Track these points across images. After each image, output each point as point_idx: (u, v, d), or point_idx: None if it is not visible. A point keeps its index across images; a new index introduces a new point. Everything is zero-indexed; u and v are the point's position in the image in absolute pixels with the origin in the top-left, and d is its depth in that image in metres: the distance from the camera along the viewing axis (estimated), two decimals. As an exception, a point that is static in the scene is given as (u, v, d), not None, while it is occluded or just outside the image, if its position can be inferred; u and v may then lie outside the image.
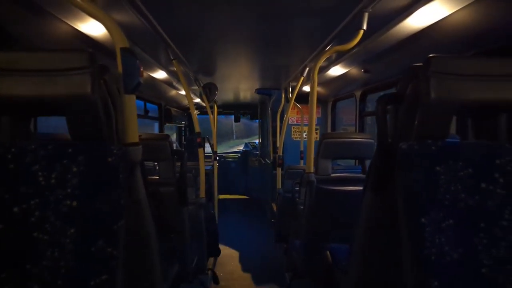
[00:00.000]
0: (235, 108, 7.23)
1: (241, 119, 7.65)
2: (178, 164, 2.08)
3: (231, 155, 7.90)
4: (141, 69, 0.96)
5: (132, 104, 0.96)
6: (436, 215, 0.80)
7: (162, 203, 1.86)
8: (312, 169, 1.90)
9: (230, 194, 7.26)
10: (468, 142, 0.87)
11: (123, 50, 0.92)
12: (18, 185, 0.78)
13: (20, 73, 0.82)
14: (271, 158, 5.32)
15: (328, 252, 1.59)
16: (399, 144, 0.88)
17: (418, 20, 1.54)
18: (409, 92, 0.96)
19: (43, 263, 0.76)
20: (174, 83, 3.52)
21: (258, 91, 4.91)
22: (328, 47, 2.20)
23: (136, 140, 0.96)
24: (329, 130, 4.41)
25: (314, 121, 1.96)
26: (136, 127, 0.97)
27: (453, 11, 1.39)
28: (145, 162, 1.20)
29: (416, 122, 0.90)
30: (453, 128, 1.68)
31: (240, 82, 4.44)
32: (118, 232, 0.79)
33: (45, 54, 0.84)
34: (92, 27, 1.66)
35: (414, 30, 1.64)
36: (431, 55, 0.89)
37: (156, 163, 2.67)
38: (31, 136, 0.97)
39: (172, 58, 2.35)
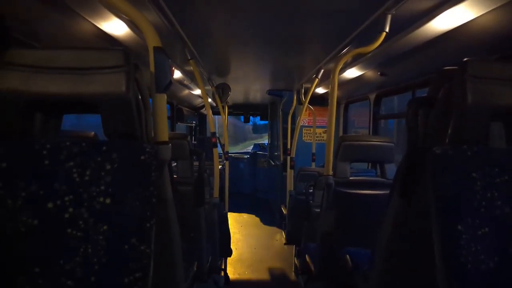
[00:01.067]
0: (245, 109, 7.23)
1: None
2: (195, 163, 2.08)
3: (240, 156, 7.91)
4: (172, 69, 0.96)
5: (162, 103, 0.96)
6: (472, 223, 0.79)
7: (180, 202, 1.86)
8: (331, 172, 1.89)
9: (239, 195, 7.25)
10: (504, 148, 0.86)
11: (156, 49, 0.92)
12: (52, 181, 0.78)
13: (55, 70, 0.82)
14: (281, 159, 5.30)
15: (348, 256, 1.58)
16: (432, 148, 0.87)
17: (442, 23, 1.52)
18: (441, 96, 0.94)
19: (76, 259, 0.77)
20: (187, 83, 3.53)
21: (270, 92, 4.91)
22: (346, 49, 2.19)
23: (166, 138, 0.96)
24: (341, 133, 4.39)
25: (333, 124, 1.95)
26: (166, 126, 0.97)
27: (479, 14, 1.37)
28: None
29: (450, 127, 0.88)
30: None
31: (252, 83, 4.44)
32: (150, 230, 0.79)
33: (80, 51, 0.84)
34: (114, 27, 1.67)
35: (438, 33, 1.62)
36: (466, 59, 0.87)
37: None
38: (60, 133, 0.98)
39: (189, 57, 2.35)
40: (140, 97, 0.90)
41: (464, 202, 0.81)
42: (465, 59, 0.87)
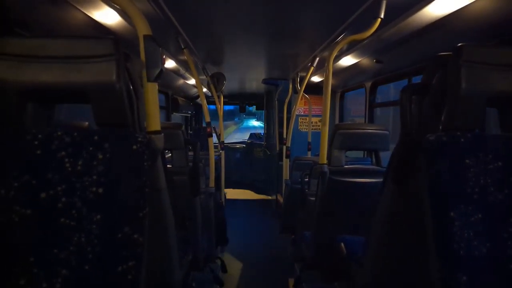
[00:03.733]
0: (241, 98, 7.20)
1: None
2: (190, 153, 2.08)
3: (237, 145, 7.89)
4: (163, 57, 0.94)
5: (154, 92, 0.95)
6: (465, 209, 0.79)
7: (175, 191, 1.86)
8: (325, 160, 1.89)
9: (235, 184, 7.25)
10: (498, 135, 0.86)
11: (146, 38, 0.91)
12: (45, 171, 0.78)
13: (45, 59, 0.81)
14: (277, 149, 5.30)
15: (342, 244, 1.59)
16: (426, 135, 0.87)
17: (438, 8, 1.50)
18: (435, 82, 0.94)
19: (70, 248, 0.77)
20: (182, 72, 3.50)
21: (265, 81, 4.88)
22: (341, 36, 2.17)
23: (158, 128, 0.95)
24: (337, 121, 4.39)
25: (328, 112, 1.94)
26: (158, 115, 0.96)
27: None
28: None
29: (443, 113, 0.88)
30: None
31: (247, 72, 4.41)
32: (143, 219, 0.79)
33: (70, 40, 0.83)
34: (106, 15, 1.64)
35: (434, 18, 1.60)
36: (460, 43, 0.87)
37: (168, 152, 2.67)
38: (53, 123, 0.97)
39: (183, 47, 2.32)
40: (131, 86, 0.89)
41: (457, 188, 0.81)
42: (459, 44, 0.87)
